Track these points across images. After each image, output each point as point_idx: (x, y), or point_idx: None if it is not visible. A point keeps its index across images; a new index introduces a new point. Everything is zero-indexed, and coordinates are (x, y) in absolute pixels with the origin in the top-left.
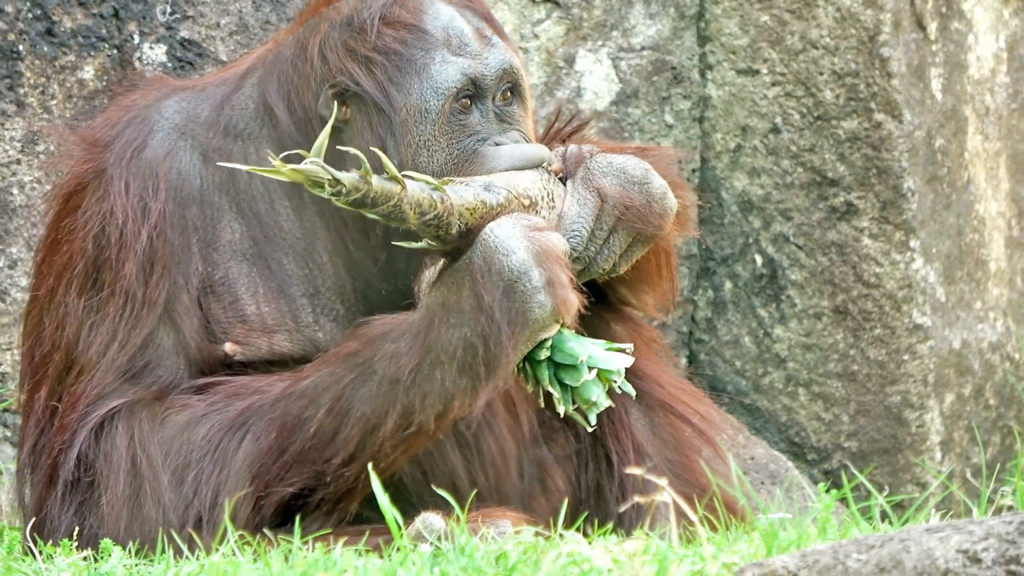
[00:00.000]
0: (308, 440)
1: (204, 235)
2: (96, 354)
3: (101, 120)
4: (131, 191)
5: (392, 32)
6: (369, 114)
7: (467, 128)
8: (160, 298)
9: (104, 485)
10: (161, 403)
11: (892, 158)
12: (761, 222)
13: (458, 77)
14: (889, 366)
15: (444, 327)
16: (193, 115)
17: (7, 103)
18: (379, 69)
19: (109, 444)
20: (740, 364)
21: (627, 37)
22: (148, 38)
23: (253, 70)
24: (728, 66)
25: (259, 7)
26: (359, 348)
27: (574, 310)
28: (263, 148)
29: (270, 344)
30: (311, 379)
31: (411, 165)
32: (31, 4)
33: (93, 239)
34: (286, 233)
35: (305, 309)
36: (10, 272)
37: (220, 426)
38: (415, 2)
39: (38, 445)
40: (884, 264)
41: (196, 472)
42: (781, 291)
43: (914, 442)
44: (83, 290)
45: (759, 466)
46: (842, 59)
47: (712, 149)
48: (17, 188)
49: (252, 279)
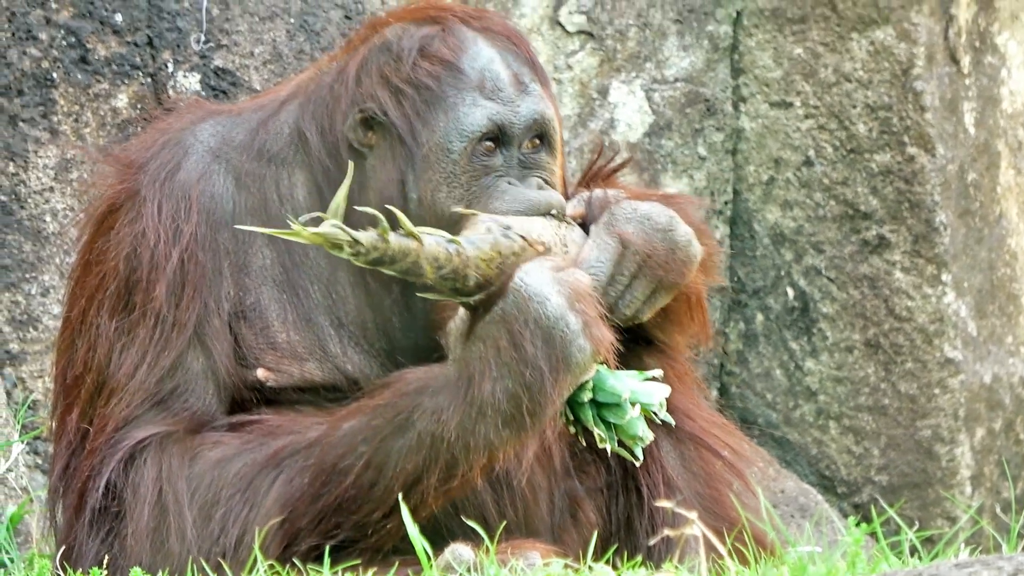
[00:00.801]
0: (346, 490)
1: (236, 259)
2: (125, 376)
3: (136, 142)
4: (164, 213)
5: (427, 66)
6: (392, 144)
7: (488, 169)
8: (190, 321)
9: (130, 517)
10: (193, 437)
11: (924, 192)
12: (793, 255)
13: (484, 122)
14: (920, 400)
15: (485, 381)
16: (228, 138)
17: (40, 130)
18: (408, 101)
19: (137, 476)
20: (771, 397)
21: (661, 69)
22: (182, 66)
23: (293, 96)
24: (761, 98)
25: (293, 36)
26: (394, 400)
27: (611, 347)
28: (295, 173)
29: (301, 371)
30: (347, 427)
31: (429, 201)
32: (65, 32)
33: (125, 260)
34: (312, 261)
35: (332, 339)
36: (42, 300)
37: (252, 465)
38: (457, 39)
39: (69, 468)
40: (916, 298)
41: (225, 510)
42: (813, 324)
43: (944, 476)
44: (115, 312)
45: (789, 499)
46: (875, 92)
47: (745, 181)
48: (50, 215)
49: (282, 305)
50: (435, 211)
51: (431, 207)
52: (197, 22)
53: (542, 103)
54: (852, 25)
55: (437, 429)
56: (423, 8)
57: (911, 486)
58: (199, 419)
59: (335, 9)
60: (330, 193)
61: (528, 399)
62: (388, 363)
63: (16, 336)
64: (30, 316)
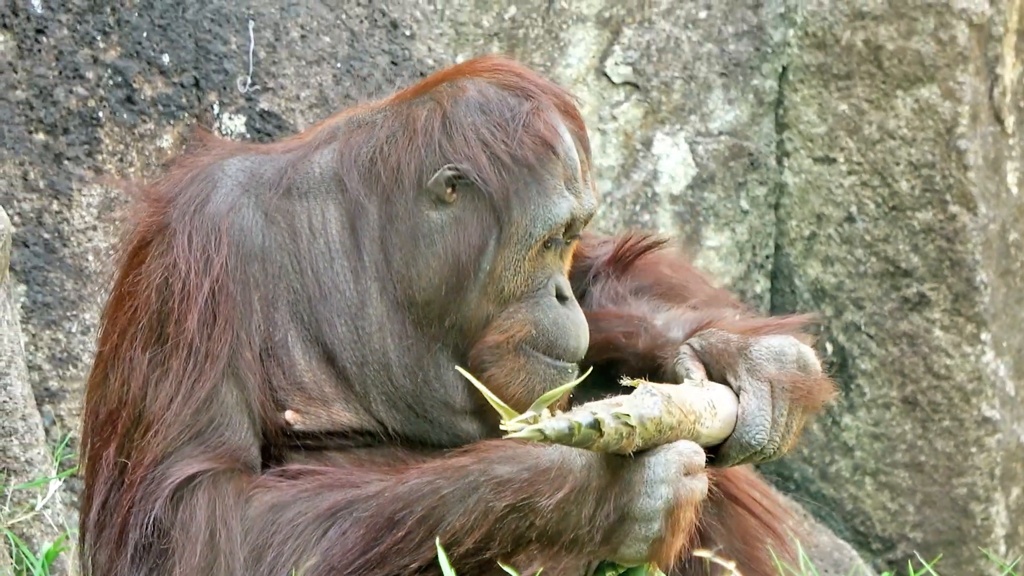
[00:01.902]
0: (395, 543)
1: (265, 293)
2: (161, 408)
3: (165, 178)
4: (194, 244)
5: (531, 144)
6: (480, 211)
7: (543, 262)
8: (223, 352)
9: (179, 555)
10: (246, 478)
11: (966, 250)
12: (833, 310)
13: (566, 216)
14: (956, 458)
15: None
16: (256, 174)
17: (85, 169)
18: (509, 175)
19: (188, 514)
20: (807, 452)
21: (705, 122)
22: (228, 108)
23: (327, 141)
24: (805, 154)
25: (339, 81)
26: (469, 464)
27: (665, 570)
28: (328, 209)
29: (329, 415)
30: (410, 483)
31: (498, 276)
32: (112, 71)
33: (156, 292)
34: (341, 293)
35: (356, 378)
36: (83, 338)
37: (307, 514)
38: (551, 120)
39: (108, 503)
40: (955, 356)
41: (275, 555)
42: (851, 380)
43: (979, 535)
44: (148, 344)
45: (823, 554)
46: (919, 150)
47: (786, 236)
48: (92, 254)
49: (307, 344)
50: (497, 287)
51: (496, 283)
52: (244, 64)
53: (596, 197)
54: (897, 83)
55: (491, 496)
56: (499, 68)
57: (946, 543)
58: (237, 454)
59: (382, 55)
60: (365, 231)
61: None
62: (414, 410)
63: (56, 374)
64: (70, 354)
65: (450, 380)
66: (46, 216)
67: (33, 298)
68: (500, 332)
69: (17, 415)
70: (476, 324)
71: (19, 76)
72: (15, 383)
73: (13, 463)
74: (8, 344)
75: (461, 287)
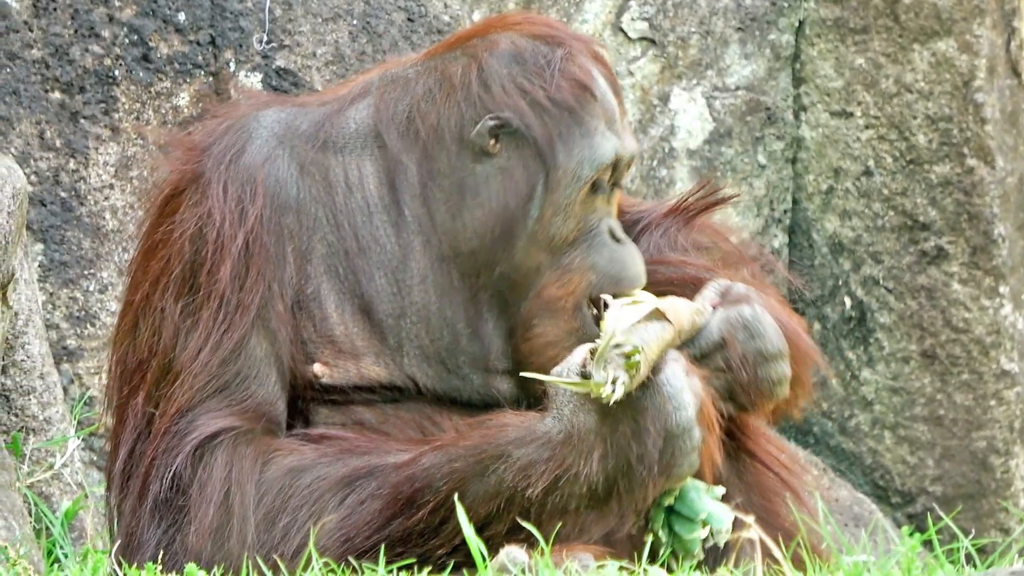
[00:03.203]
0: (414, 524)
1: (299, 245)
2: (189, 358)
3: (199, 128)
4: (229, 194)
5: (568, 87)
6: (525, 158)
7: (592, 205)
8: (254, 303)
9: (194, 513)
10: (267, 440)
11: (983, 203)
12: (851, 264)
13: (612, 154)
14: (975, 412)
15: (588, 455)
16: (292, 127)
17: (102, 128)
18: (551, 119)
19: (206, 473)
20: (827, 406)
21: (722, 77)
22: (244, 66)
23: (362, 95)
24: (822, 108)
25: (355, 38)
26: (483, 444)
27: (714, 466)
28: (364, 164)
29: (358, 368)
30: (428, 461)
31: (547, 222)
32: (128, 30)
33: (190, 241)
34: (381, 247)
35: (391, 331)
36: (100, 297)
37: (325, 480)
38: (584, 64)
39: (134, 453)
40: (973, 309)
41: (289, 520)
42: (869, 334)
43: (999, 487)
44: (180, 294)
45: (843, 508)
46: (936, 104)
47: (804, 190)
48: (109, 213)
49: (341, 297)
50: (548, 234)
51: (546, 229)
52: (260, 22)
53: (635, 141)
54: (914, 36)
55: (521, 483)
56: (528, 20)
57: (965, 497)
58: (262, 410)
59: (398, 12)
60: (405, 187)
61: (625, 487)
62: (447, 366)
63: (73, 332)
64: (87, 313)
65: (489, 335)
66: (63, 175)
67: (50, 257)
68: (559, 287)
69: (35, 374)
70: (527, 273)
71: (35, 35)
72: (33, 342)
73: (31, 422)
74: (26, 303)
75: (511, 236)
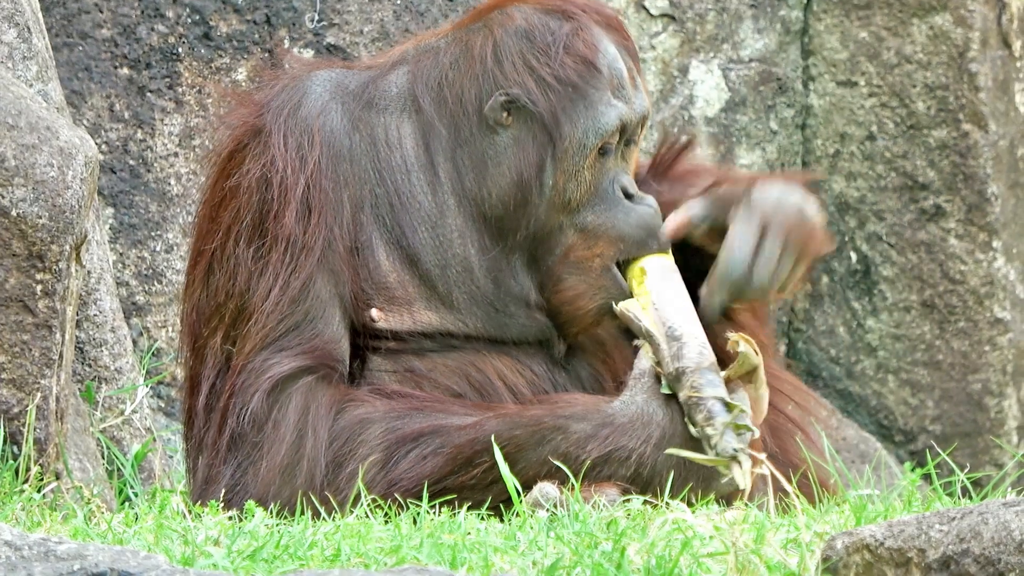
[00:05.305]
0: (468, 480)
1: (353, 193)
2: (260, 299)
3: (259, 87)
4: (289, 144)
5: (572, 64)
6: (533, 131)
7: (603, 167)
8: (317, 244)
9: (267, 451)
10: (342, 389)
11: (978, 165)
12: (856, 222)
13: (616, 122)
14: (971, 356)
15: (646, 441)
16: (342, 84)
17: (167, 100)
18: (555, 96)
19: (281, 413)
20: (835, 352)
21: (736, 50)
22: (297, 43)
23: (399, 63)
24: (829, 78)
25: (399, 16)
26: (544, 416)
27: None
28: (403, 124)
29: (411, 314)
30: (491, 426)
31: (561, 189)
32: (190, 10)
33: (257, 191)
34: (419, 203)
35: (439, 279)
36: (166, 256)
37: (393, 433)
38: (590, 37)
39: (215, 388)
40: (968, 262)
41: (355, 467)
42: (874, 286)
43: (993, 426)
44: (251, 240)
45: (850, 446)
46: (934, 73)
47: (813, 154)
48: (174, 179)
49: (390, 247)
50: (563, 198)
51: (561, 194)
52: (311, 2)
53: (647, 100)
54: (913, 11)
55: (573, 452)
56: None
57: (962, 435)
58: (328, 348)
59: None
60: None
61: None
62: (495, 305)
63: (142, 289)
64: (155, 271)
65: (525, 281)
66: (131, 144)
67: (120, 220)
68: (585, 248)
69: (107, 327)
70: (550, 232)
71: (104, 16)
72: (104, 298)
73: (103, 372)
74: (98, 262)
75: (528, 202)
